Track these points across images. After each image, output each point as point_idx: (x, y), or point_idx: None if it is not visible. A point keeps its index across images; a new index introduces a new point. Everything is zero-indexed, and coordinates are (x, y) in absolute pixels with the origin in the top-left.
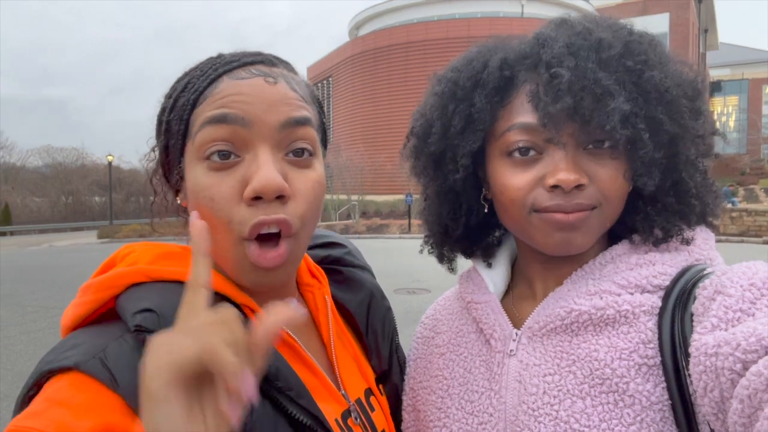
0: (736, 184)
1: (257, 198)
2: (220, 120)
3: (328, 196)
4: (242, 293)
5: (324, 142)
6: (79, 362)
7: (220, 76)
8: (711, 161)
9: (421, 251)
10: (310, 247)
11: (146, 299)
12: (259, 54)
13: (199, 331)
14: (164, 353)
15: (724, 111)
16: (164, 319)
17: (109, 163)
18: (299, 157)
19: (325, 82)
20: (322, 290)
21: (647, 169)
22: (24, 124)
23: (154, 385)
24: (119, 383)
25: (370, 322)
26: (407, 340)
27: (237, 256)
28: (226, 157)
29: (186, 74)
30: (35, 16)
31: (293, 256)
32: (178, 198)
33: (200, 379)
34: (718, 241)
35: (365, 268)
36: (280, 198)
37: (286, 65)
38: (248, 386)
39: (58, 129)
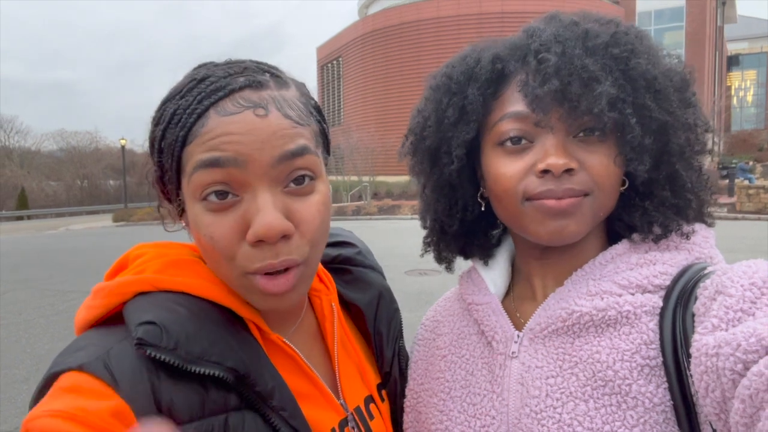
0: (753, 160)
1: (260, 240)
2: (212, 164)
3: (339, 178)
4: (248, 308)
5: (327, 146)
6: (84, 363)
7: (206, 110)
8: (705, 158)
9: (422, 255)
10: None
11: (149, 311)
12: (243, 72)
13: None
14: None
15: (742, 85)
16: (165, 331)
17: (122, 147)
18: (300, 185)
19: (335, 62)
20: (329, 296)
21: (637, 154)
22: (36, 107)
23: None
24: (119, 385)
25: (377, 323)
26: (419, 321)
27: (245, 286)
28: (223, 197)
29: (170, 98)
30: None
31: (303, 281)
32: (182, 220)
33: None
34: (734, 218)
35: (375, 269)
36: (284, 237)
37: (276, 79)
38: None
39: (70, 111)
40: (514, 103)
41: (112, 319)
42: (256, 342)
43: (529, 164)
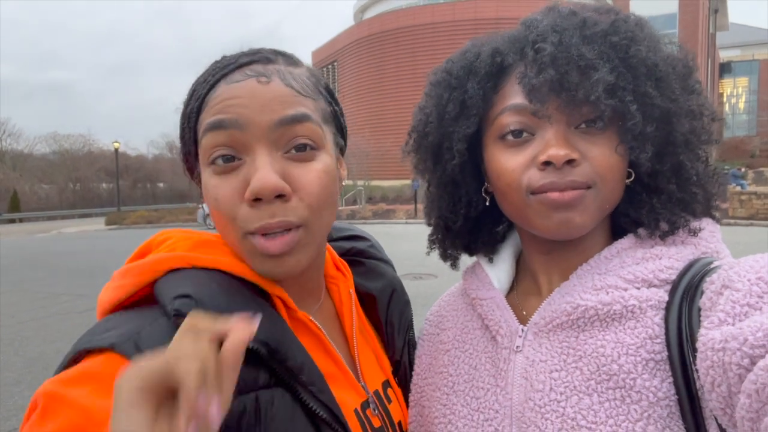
0: (745, 166)
1: (258, 199)
2: (216, 126)
3: None
4: (274, 285)
5: (340, 129)
6: (115, 343)
7: (218, 81)
8: (712, 150)
9: (428, 253)
10: (336, 240)
11: (185, 285)
12: (257, 52)
13: (171, 352)
14: (135, 368)
15: (734, 92)
16: (201, 304)
17: (116, 150)
18: (301, 152)
19: (330, 66)
20: (346, 283)
21: (639, 142)
22: (29, 108)
23: (122, 393)
24: None
25: (389, 313)
26: (416, 325)
27: (246, 248)
28: (229, 161)
29: (195, 80)
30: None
31: (303, 246)
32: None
33: (172, 398)
34: (726, 224)
35: (387, 262)
36: (281, 197)
37: (287, 59)
38: (212, 408)
39: (63, 114)
40: (514, 96)
41: (137, 304)
42: (282, 319)
43: (531, 157)
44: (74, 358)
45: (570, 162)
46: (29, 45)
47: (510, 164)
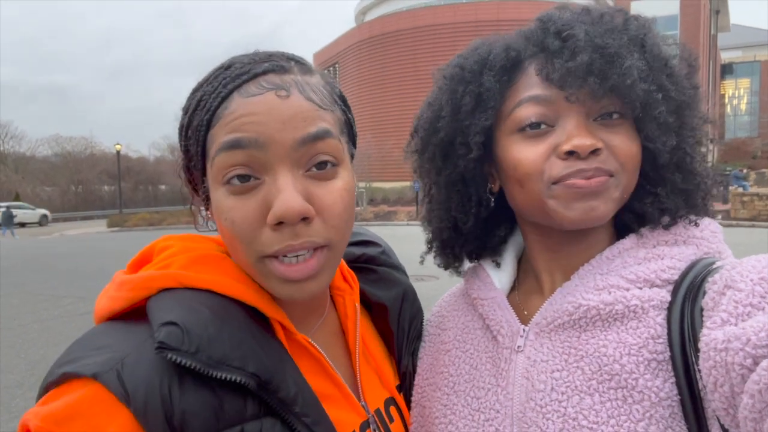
0: (747, 167)
1: (281, 222)
2: (234, 145)
3: None
4: (274, 306)
5: (352, 138)
6: (98, 373)
7: (230, 93)
8: (714, 150)
9: (421, 261)
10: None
11: (174, 309)
12: (269, 59)
13: None
14: None
15: (736, 93)
16: (187, 333)
17: (118, 152)
18: (322, 169)
19: (331, 68)
20: (352, 296)
21: (662, 132)
22: (31, 111)
23: None
24: (131, 400)
25: (400, 321)
26: None
27: (262, 272)
28: (245, 180)
29: (199, 87)
30: (38, 1)
31: (326, 268)
32: (208, 212)
33: None
34: (728, 225)
35: (399, 268)
36: (305, 219)
37: (301, 66)
38: None
39: (65, 116)
40: (531, 88)
41: (136, 311)
42: (280, 344)
43: (552, 147)
44: (60, 380)
45: (594, 151)
46: (31, 48)
47: (529, 154)
